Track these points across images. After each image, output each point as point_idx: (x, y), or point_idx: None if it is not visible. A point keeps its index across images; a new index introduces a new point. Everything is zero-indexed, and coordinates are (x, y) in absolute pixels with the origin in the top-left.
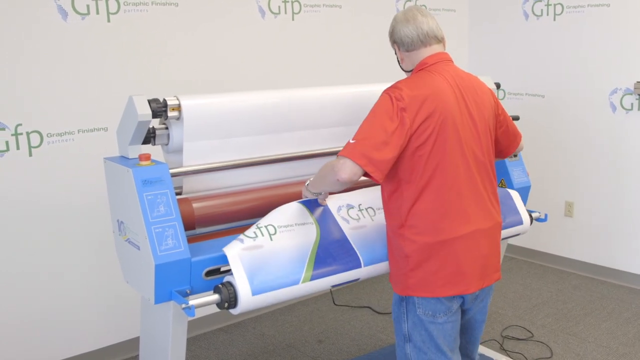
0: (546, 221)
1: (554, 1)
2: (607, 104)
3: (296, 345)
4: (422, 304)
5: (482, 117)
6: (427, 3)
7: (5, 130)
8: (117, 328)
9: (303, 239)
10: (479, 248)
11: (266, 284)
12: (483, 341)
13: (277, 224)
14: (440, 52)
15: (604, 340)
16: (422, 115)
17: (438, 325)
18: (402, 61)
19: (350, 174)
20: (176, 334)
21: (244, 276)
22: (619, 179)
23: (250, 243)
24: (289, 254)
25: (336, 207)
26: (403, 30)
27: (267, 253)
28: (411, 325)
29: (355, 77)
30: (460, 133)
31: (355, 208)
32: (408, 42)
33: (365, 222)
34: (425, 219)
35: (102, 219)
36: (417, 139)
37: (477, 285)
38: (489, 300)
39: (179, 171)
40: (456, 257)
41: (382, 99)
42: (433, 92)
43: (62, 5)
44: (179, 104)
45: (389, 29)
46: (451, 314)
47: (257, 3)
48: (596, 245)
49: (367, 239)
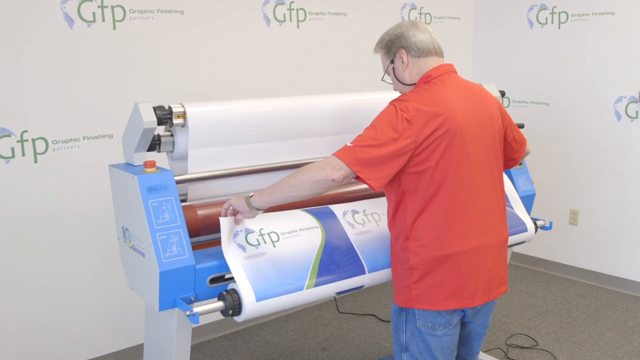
0: (551, 229)
1: (558, 9)
2: (612, 112)
3: (300, 352)
4: (422, 316)
5: (491, 128)
6: (432, 11)
7: (10, 137)
8: (122, 335)
9: (307, 244)
10: (484, 262)
11: (270, 290)
12: (487, 349)
13: (280, 231)
14: (445, 63)
15: (609, 349)
16: (428, 129)
17: (437, 338)
18: (406, 68)
19: (343, 174)
20: (180, 341)
21: (248, 284)
22: (624, 187)
23: (252, 251)
24: (292, 261)
25: (341, 212)
26: (416, 35)
27: (271, 260)
28: (409, 336)
29: (361, 84)
30: (468, 147)
31: (361, 213)
32: (422, 47)
33: (371, 227)
34: (430, 231)
35: (107, 225)
36: (422, 153)
37: (483, 299)
38: (490, 315)
39: (183, 178)
40: (460, 271)
41: (387, 109)
42: (441, 105)
43: (69, 12)
44: (184, 111)
45: (385, 37)
46: (451, 327)
47: (262, 11)
48: (601, 253)
49: (371, 246)
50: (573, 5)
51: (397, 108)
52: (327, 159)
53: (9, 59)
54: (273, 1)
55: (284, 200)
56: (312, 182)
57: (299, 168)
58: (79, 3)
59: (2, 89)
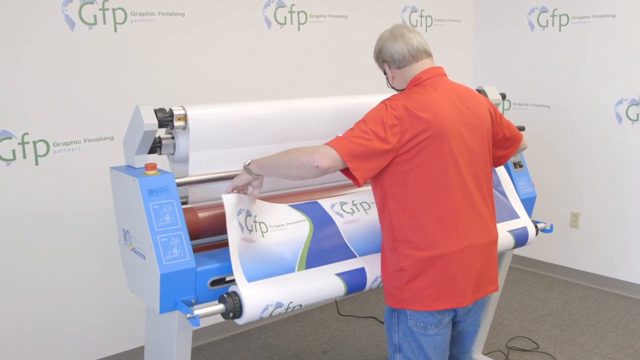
0: (552, 232)
1: (559, 12)
2: (612, 115)
3: (301, 355)
4: (413, 316)
5: (480, 130)
6: (433, 13)
7: (12, 139)
8: (122, 337)
9: (294, 235)
10: (473, 263)
11: (260, 272)
12: (488, 352)
13: (269, 223)
14: (434, 66)
15: (609, 351)
16: (413, 129)
17: (429, 337)
18: (393, 80)
19: (331, 163)
20: (181, 344)
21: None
22: (624, 190)
23: (247, 235)
24: (280, 251)
25: (329, 205)
26: (393, 47)
27: (259, 249)
28: (401, 336)
29: (361, 87)
30: (455, 149)
31: (349, 203)
32: (399, 59)
33: (360, 215)
34: (418, 233)
35: (108, 228)
36: (407, 153)
37: (472, 298)
38: (481, 313)
39: (184, 181)
40: (450, 272)
41: (378, 106)
42: (427, 107)
43: (70, 15)
44: (185, 114)
45: (374, 49)
46: (442, 326)
47: (263, 13)
48: (602, 256)
49: (360, 233)
50: (574, 7)
51: (388, 106)
52: (319, 145)
53: (9, 61)
54: (274, 4)
55: (272, 174)
56: (299, 164)
57: (295, 148)
58: (80, 6)
59: (3, 91)
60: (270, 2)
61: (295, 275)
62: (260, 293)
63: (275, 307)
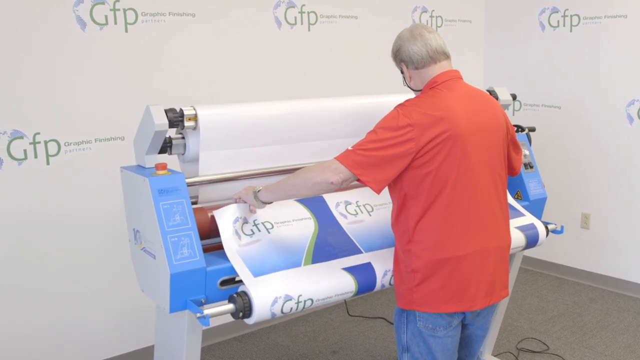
0: (562, 233)
1: (570, 12)
2: (624, 116)
3: (310, 355)
4: (422, 317)
5: (496, 134)
6: (443, 14)
7: (23, 139)
8: (132, 336)
9: (301, 232)
10: (485, 266)
11: (266, 266)
12: (498, 353)
13: (274, 221)
14: (451, 69)
15: (620, 354)
16: (430, 134)
17: (437, 339)
18: (410, 80)
19: (343, 177)
20: (191, 343)
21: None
22: (635, 191)
23: (246, 240)
24: (288, 244)
25: (334, 203)
26: (411, 47)
27: (266, 244)
28: (410, 336)
29: (372, 87)
30: (471, 152)
31: (353, 204)
32: (417, 59)
33: (363, 217)
34: (432, 235)
35: (118, 227)
36: (424, 156)
37: (484, 303)
38: (490, 317)
39: (195, 181)
40: (461, 275)
41: (391, 114)
42: (444, 110)
43: (81, 15)
44: (195, 114)
45: (392, 48)
46: (451, 328)
47: (273, 14)
48: (613, 257)
49: (365, 232)
50: (585, 8)
51: (400, 113)
52: (328, 161)
53: (19, 62)
54: (284, 4)
55: (286, 197)
56: (313, 184)
57: (303, 168)
58: (92, 6)
59: (15, 91)
60: (281, 2)
61: (301, 269)
62: (268, 286)
63: (285, 299)
